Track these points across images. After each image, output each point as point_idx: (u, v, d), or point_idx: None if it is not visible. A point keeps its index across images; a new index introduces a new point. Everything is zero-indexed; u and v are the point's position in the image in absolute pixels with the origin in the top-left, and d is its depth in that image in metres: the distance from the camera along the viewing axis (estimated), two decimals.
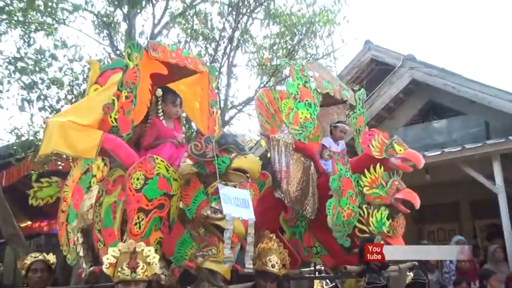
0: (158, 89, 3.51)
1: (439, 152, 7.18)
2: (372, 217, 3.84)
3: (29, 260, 3.89)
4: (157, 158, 2.98)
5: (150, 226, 2.86)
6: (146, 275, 2.57)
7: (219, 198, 2.89)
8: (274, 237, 3.73)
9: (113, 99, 3.09)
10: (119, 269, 2.52)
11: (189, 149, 2.99)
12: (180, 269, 2.98)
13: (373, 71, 10.07)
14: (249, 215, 2.98)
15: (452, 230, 9.44)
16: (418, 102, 9.05)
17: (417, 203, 3.88)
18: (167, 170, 3.01)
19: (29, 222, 9.29)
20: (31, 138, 6.47)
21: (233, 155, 2.95)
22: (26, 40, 7.02)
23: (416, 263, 4.35)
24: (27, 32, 6.98)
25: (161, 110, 3.49)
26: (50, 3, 6.58)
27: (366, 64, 10.05)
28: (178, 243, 3.07)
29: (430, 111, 9.09)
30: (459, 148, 7.13)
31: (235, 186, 3.14)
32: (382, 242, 3.66)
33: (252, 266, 3.02)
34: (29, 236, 9.26)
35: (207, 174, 3.00)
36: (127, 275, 2.51)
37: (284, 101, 3.89)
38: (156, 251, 2.83)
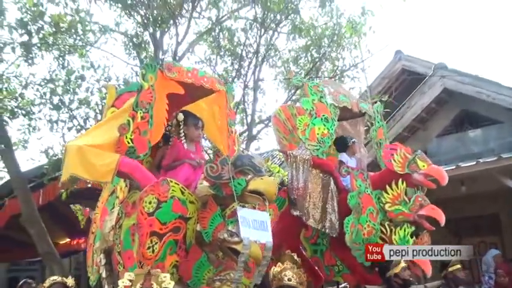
0: (180, 113, 3.56)
1: (474, 163, 6.97)
2: (395, 234, 3.78)
3: (47, 283, 4.05)
4: (171, 181, 2.99)
5: (165, 250, 2.86)
6: None
7: (236, 221, 2.88)
8: (295, 257, 3.71)
9: (128, 120, 3.14)
10: None
11: (204, 171, 2.99)
12: None
13: (404, 81, 9.93)
14: (267, 238, 2.95)
15: (494, 243, 9.09)
16: (451, 111, 8.84)
17: (442, 219, 3.79)
18: (182, 193, 3.01)
19: (68, 240, 9.56)
20: (61, 157, 6.71)
21: (249, 176, 2.94)
22: (61, 62, 7.31)
23: (444, 281, 4.24)
24: (62, 54, 7.28)
25: (183, 133, 3.52)
26: (78, 26, 6.85)
27: (397, 74, 9.93)
28: (196, 266, 3.07)
29: (465, 121, 8.86)
30: (495, 158, 6.90)
31: (254, 207, 3.12)
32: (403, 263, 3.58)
33: (259, 281, 3.01)
34: (67, 252, 9.58)
35: (223, 196, 3.00)
36: None
37: (299, 117, 3.90)
38: (172, 274, 2.85)
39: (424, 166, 3.91)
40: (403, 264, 3.90)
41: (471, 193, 7.60)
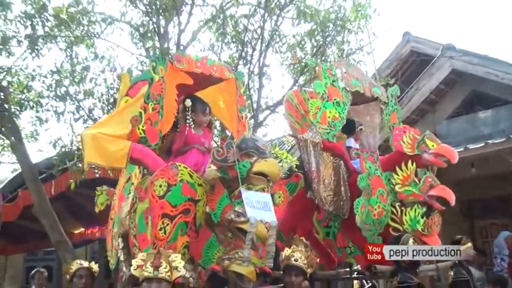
0: (187, 100, 3.61)
1: (483, 144, 6.93)
2: (406, 215, 3.78)
3: (74, 266, 4.15)
4: (180, 165, 3.08)
5: (176, 231, 2.98)
6: (169, 276, 2.71)
7: (242, 202, 2.98)
8: (304, 241, 3.76)
9: (140, 112, 3.24)
10: (144, 268, 2.71)
11: (211, 155, 3.11)
12: (207, 272, 3.09)
13: (414, 63, 9.87)
14: (271, 217, 3.05)
15: (505, 225, 9.07)
16: (460, 93, 8.79)
17: (452, 199, 3.78)
18: (191, 176, 3.11)
19: (82, 229, 9.72)
20: (69, 148, 6.79)
21: (254, 159, 3.03)
22: (68, 54, 7.36)
23: (457, 261, 4.24)
24: (69, 46, 7.32)
25: (191, 118, 3.58)
26: (81, 17, 6.88)
27: (406, 56, 9.88)
28: (206, 246, 3.17)
29: (475, 102, 8.79)
30: (504, 139, 6.86)
31: (263, 190, 3.18)
32: (412, 240, 3.60)
33: (271, 264, 3.09)
34: (82, 241, 9.77)
35: (230, 179, 3.09)
36: (149, 273, 2.68)
37: (311, 100, 3.90)
38: (183, 254, 2.98)
39: (433, 146, 3.89)
40: (411, 242, 3.92)
41: (482, 175, 7.59)
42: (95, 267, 4.14)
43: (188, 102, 3.57)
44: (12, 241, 9.49)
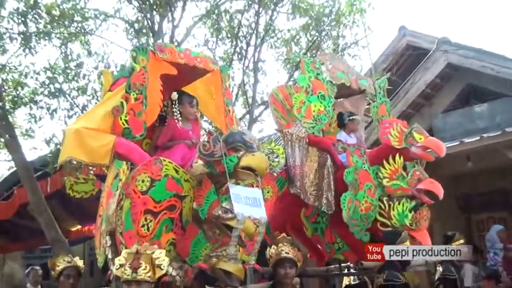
0: (174, 92, 3.62)
1: (478, 138, 6.92)
2: (394, 210, 3.78)
3: (61, 264, 4.14)
4: (164, 160, 3.07)
5: (160, 228, 2.95)
6: (149, 276, 2.65)
7: (230, 197, 2.95)
8: (288, 239, 3.76)
9: (122, 102, 3.21)
10: (123, 270, 2.65)
11: (197, 150, 3.06)
12: (194, 270, 3.08)
13: (410, 57, 9.84)
14: (261, 214, 3.02)
15: (503, 218, 9.07)
16: (456, 87, 8.75)
17: (440, 193, 3.78)
18: (176, 171, 3.09)
19: (79, 226, 9.75)
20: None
21: (241, 153, 2.99)
22: (63, 51, 7.37)
23: None
24: (64, 43, 7.33)
25: (178, 111, 3.59)
26: (74, 13, 6.88)
27: (402, 50, 9.86)
28: (193, 243, 3.17)
29: (470, 96, 8.76)
30: (499, 132, 6.85)
31: (252, 186, 3.19)
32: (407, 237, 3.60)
33: (253, 261, 3.08)
34: (80, 239, 9.79)
35: (217, 173, 3.06)
36: (128, 275, 2.63)
37: (295, 95, 3.90)
38: (169, 252, 2.94)
39: (421, 139, 3.88)
40: (407, 242, 3.92)
41: (479, 169, 7.57)
42: (80, 264, 4.13)
43: (174, 95, 3.58)
44: (9, 239, 9.49)
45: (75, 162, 6.05)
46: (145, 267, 2.64)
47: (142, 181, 2.95)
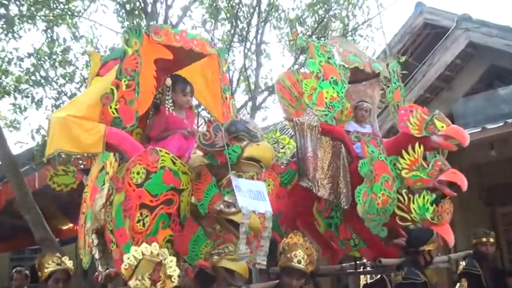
0: (168, 78, 3.56)
1: (502, 124, 6.81)
2: (413, 203, 3.75)
3: (50, 267, 4.11)
4: (161, 151, 3.00)
5: (157, 223, 2.90)
6: None
7: (232, 191, 2.90)
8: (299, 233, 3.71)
9: (112, 89, 3.12)
10: (139, 278, 2.51)
11: (197, 139, 3.00)
12: (194, 269, 3.04)
13: (427, 37, 9.72)
14: (266, 207, 2.97)
15: None
16: (478, 68, 8.61)
17: (464, 185, 3.74)
18: (174, 163, 3.03)
19: (71, 225, 9.74)
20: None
21: (244, 143, 2.94)
22: (49, 35, 7.29)
23: (472, 252, 4.21)
24: (50, 26, 7.25)
25: (171, 99, 3.52)
26: None
27: (419, 29, 9.69)
28: (192, 241, 3.11)
29: (494, 78, 8.64)
30: None
31: (252, 178, 3.14)
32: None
33: (265, 262, 2.97)
34: (72, 238, 9.77)
35: (218, 165, 3.01)
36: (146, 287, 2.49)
37: (305, 81, 3.85)
38: (166, 250, 2.84)
39: (442, 127, 3.84)
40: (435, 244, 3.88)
41: (503, 157, 7.47)
42: (70, 265, 4.10)
43: (169, 82, 3.51)
44: None
45: (64, 156, 6.07)
46: (163, 281, 2.55)
47: (138, 173, 2.88)
